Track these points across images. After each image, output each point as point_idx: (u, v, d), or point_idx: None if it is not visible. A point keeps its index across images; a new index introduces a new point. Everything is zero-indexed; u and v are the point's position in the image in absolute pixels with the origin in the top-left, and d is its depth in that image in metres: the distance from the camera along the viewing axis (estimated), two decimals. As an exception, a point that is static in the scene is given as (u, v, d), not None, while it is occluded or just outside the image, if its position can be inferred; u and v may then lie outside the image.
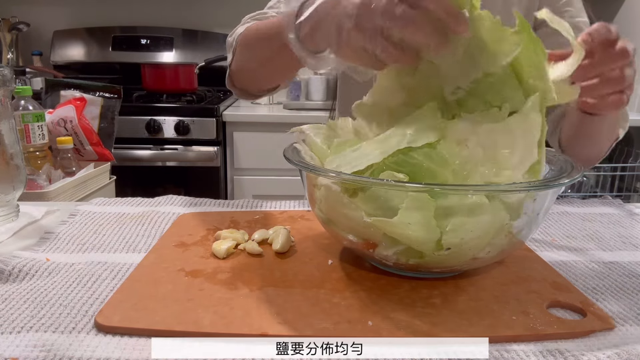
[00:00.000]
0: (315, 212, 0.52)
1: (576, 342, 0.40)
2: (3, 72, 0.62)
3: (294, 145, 0.53)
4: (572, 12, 0.83)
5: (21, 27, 2.14)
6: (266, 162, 1.85)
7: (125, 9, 2.26)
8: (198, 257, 0.54)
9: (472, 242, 0.43)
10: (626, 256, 0.58)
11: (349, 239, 0.48)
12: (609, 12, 2.18)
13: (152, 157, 1.78)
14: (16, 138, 0.66)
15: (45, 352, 0.37)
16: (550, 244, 0.62)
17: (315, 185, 0.49)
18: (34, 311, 0.43)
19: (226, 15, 2.30)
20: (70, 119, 0.99)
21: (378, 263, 0.50)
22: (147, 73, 1.94)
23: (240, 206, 0.73)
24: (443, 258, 0.45)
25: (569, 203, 0.78)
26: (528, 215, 0.45)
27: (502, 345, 0.39)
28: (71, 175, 0.91)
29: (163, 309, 0.43)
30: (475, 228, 0.42)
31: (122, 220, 0.66)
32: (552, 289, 0.48)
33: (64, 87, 1.10)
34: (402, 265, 0.47)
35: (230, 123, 1.81)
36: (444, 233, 0.42)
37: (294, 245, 0.57)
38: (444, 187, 0.42)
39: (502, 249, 0.46)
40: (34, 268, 0.50)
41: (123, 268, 0.52)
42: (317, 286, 0.47)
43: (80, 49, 2.22)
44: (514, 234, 0.45)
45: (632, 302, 0.47)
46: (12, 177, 0.65)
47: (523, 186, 0.43)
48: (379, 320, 0.41)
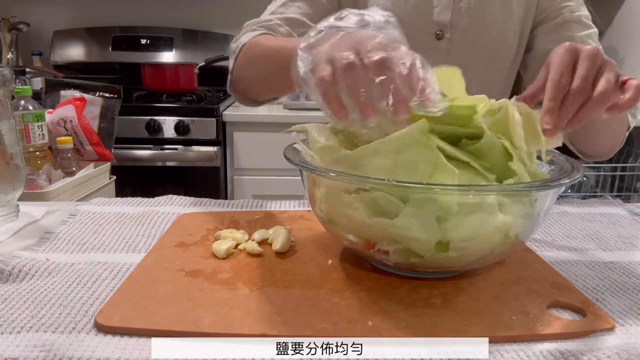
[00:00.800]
0: (316, 211, 0.52)
1: (576, 342, 0.40)
2: (3, 72, 0.62)
3: (294, 146, 0.53)
4: (571, 6, 0.83)
5: (21, 27, 2.14)
6: (266, 162, 1.85)
7: (125, 9, 2.26)
8: (198, 257, 0.54)
9: (473, 243, 0.43)
10: (626, 256, 0.58)
11: (349, 239, 0.48)
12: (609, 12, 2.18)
13: (152, 157, 1.78)
14: (16, 138, 0.66)
15: (45, 352, 0.37)
16: (550, 244, 0.62)
17: (315, 185, 0.49)
18: (34, 311, 0.43)
19: (226, 15, 2.30)
20: (70, 119, 0.99)
21: (378, 263, 0.50)
22: (147, 73, 1.94)
23: (240, 206, 0.73)
24: (443, 258, 0.45)
25: (569, 203, 0.78)
26: (529, 215, 0.45)
27: (502, 345, 0.39)
28: (71, 175, 0.91)
29: (163, 309, 0.43)
30: (476, 229, 0.42)
31: (122, 220, 0.66)
32: (552, 289, 0.48)
33: (64, 87, 1.10)
34: (402, 265, 0.47)
35: (230, 123, 1.81)
36: (444, 234, 0.42)
37: (294, 245, 0.57)
38: (444, 188, 0.42)
39: (503, 249, 0.46)
40: (34, 268, 0.50)
41: (123, 268, 0.52)
42: (317, 286, 0.47)
43: (80, 49, 2.22)
44: (515, 234, 0.45)
45: (632, 302, 0.47)
46: (12, 177, 0.65)
47: (523, 186, 0.43)
48: (379, 320, 0.41)
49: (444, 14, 0.81)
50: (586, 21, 0.84)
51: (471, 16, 0.82)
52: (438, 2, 0.81)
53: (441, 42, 0.83)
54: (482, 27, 0.82)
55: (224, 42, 2.25)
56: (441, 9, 0.81)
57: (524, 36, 0.85)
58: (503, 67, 0.87)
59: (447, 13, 0.81)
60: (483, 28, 0.82)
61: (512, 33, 0.84)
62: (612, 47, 2.17)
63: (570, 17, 0.83)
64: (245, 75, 0.79)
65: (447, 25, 0.82)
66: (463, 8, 0.81)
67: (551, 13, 0.84)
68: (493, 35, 0.83)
